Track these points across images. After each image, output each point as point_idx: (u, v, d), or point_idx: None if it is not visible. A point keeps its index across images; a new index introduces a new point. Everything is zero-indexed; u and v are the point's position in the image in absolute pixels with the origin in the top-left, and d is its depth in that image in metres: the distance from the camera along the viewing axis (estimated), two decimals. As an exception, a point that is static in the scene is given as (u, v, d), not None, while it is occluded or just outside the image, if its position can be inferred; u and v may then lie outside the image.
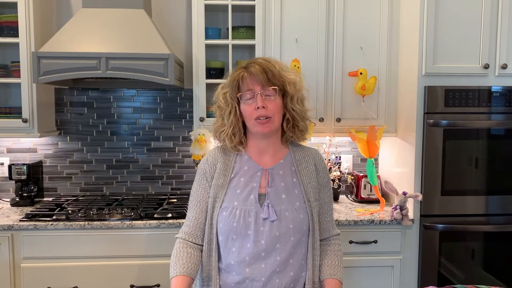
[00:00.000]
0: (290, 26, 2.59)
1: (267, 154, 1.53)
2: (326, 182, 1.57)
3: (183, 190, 2.97)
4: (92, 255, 2.35)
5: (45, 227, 2.31)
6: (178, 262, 1.43)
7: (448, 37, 2.42)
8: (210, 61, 2.70)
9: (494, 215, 2.49)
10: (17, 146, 2.87)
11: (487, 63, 2.43)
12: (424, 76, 2.43)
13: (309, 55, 2.61)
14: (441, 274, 2.49)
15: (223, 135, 1.51)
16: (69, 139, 2.91)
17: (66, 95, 2.88)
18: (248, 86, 1.44)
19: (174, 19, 2.88)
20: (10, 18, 2.53)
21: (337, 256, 1.55)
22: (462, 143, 2.46)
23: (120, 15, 2.48)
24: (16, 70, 2.56)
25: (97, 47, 2.35)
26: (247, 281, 1.44)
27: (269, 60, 1.49)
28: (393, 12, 2.63)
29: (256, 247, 1.43)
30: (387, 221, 2.45)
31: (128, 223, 2.35)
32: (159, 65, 2.31)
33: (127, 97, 2.92)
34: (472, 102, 2.42)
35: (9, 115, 2.58)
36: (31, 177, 2.71)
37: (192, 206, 1.52)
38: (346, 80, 2.63)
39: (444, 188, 2.45)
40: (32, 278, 2.32)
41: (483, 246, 2.51)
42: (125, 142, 2.93)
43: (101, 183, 2.94)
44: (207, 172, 1.52)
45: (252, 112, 1.44)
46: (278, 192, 1.48)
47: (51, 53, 2.29)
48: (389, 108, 2.69)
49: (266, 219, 1.43)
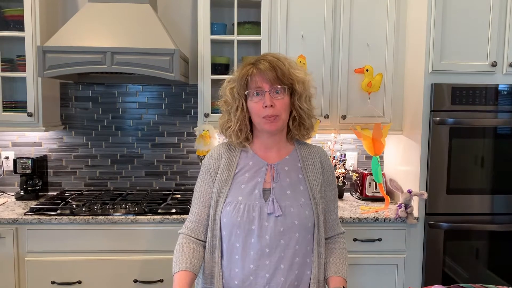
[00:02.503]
0: (296, 22, 2.58)
1: (273, 150, 1.52)
2: (331, 180, 1.56)
3: (187, 185, 2.96)
4: (96, 249, 2.35)
5: (49, 221, 2.32)
6: (181, 258, 1.43)
7: (456, 34, 2.40)
8: (215, 56, 2.69)
9: (499, 214, 2.48)
10: (22, 140, 2.88)
11: (495, 61, 2.41)
12: (431, 73, 2.41)
13: (315, 51, 2.59)
14: (445, 273, 2.48)
15: (229, 131, 1.49)
16: (74, 134, 2.91)
17: (71, 90, 2.89)
18: (256, 84, 1.42)
19: (180, 14, 2.88)
20: (16, 12, 2.54)
21: (342, 254, 1.54)
22: (468, 142, 2.44)
23: (126, 9, 2.48)
24: (22, 64, 2.57)
25: (102, 41, 2.35)
26: (250, 277, 1.43)
27: (278, 57, 1.46)
28: (400, 8, 2.61)
29: (260, 242, 1.41)
30: (392, 219, 2.44)
31: (132, 218, 2.35)
32: (164, 60, 2.31)
33: (132, 92, 2.92)
34: (479, 100, 2.40)
35: (15, 109, 2.59)
36: (35, 171, 2.72)
37: (196, 202, 1.52)
38: (352, 77, 2.62)
39: (449, 187, 2.43)
40: (36, 271, 2.33)
41: (488, 245, 2.50)
42: (130, 137, 2.94)
43: (105, 178, 2.94)
44: (211, 167, 1.51)
45: (260, 110, 1.42)
46: (283, 187, 1.47)
47: (56, 48, 2.29)
48: (395, 105, 2.67)
49: (270, 214, 1.42)
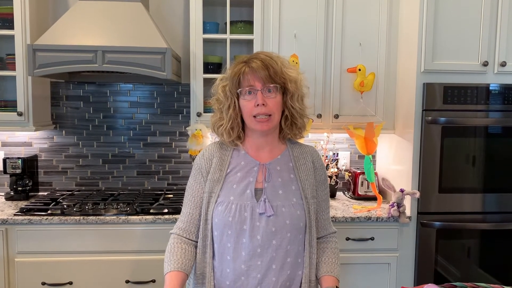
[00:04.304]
0: (289, 22, 2.57)
1: (265, 150, 1.51)
2: (323, 180, 1.56)
3: (179, 185, 2.95)
4: (87, 250, 2.33)
5: (39, 222, 2.29)
6: (173, 258, 1.42)
7: (448, 34, 2.41)
8: (208, 55, 2.68)
9: (491, 213, 2.49)
10: (12, 139, 2.84)
11: (486, 61, 2.42)
12: (423, 73, 2.42)
13: (308, 50, 2.59)
14: (438, 271, 2.49)
15: (221, 129, 1.49)
16: (65, 133, 2.88)
17: (62, 89, 2.86)
18: (248, 82, 1.42)
19: (172, 13, 2.86)
20: (5, 10, 2.51)
21: (334, 253, 1.54)
22: (460, 141, 2.45)
23: (117, 8, 2.46)
24: (11, 62, 2.54)
25: (93, 40, 2.33)
26: (242, 278, 1.42)
27: (271, 56, 1.46)
28: (393, 8, 2.62)
29: (252, 242, 1.41)
30: (384, 218, 2.44)
31: (123, 218, 2.34)
32: (156, 59, 2.29)
33: (123, 91, 2.90)
34: (470, 100, 2.42)
35: (4, 108, 2.57)
36: (26, 171, 2.69)
37: (187, 202, 1.51)
38: (345, 76, 2.62)
39: (441, 186, 2.44)
40: (27, 273, 2.31)
41: (480, 244, 2.51)
42: (122, 137, 2.91)
43: (96, 178, 2.92)
44: (203, 167, 1.51)
45: (251, 108, 1.42)
46: (275, 187, 1.46)
47: (46, 46, 2.27)
48: (388, 105, 2.68)
49: (262, 214, 1.42)
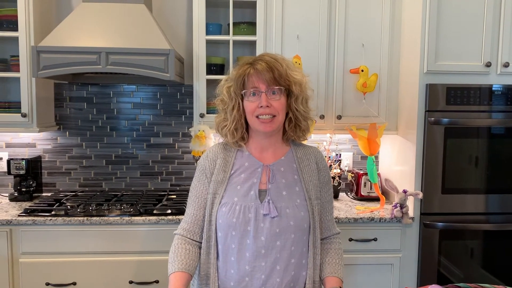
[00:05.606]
0: (292, 23, 2.58)
1: (268, 151, 1.52)
2: (327, 181, 1.56)
3: (182, 186, 2.96)
4: (91, 250, 2.34)
5: (43, 223, 2.30)
6: (177, 259, 1.42)
7: (450, 35, 2.41)
8: (211, 57, 2.69)
9: (494, 213, 2.49)
10: (16, 141, 2.86)
11: (489, 61, 2.42)
12: (426, 73, 2.42)
13: (311, 51, 2.59)
14: (441, 272, 2.48)
15: (225, 130, 1.49)
16: (68, 134, 2.89)
17: (66, 90, 2.87)
18: (253, 84, 1.42)
19: (175, 14, 2.87)
20: (9, 12, 2.52)
21: (337, 254, 1.55)
22: (463, 142, 2.45)
23: (121, 9, 2.47)
24: (16, 64, 2.55)
25: (97, 41, 2.34)
26: (246, 279, 1.42)
27: (276, 58, 1.46)
28: (395, 9, 2.62)
29: (256, 243, 1.41)
30: (387, 219, 2.44)
31: (127, 219, 2.34)
32: (160, 60, 2.30)
33: (127, 93, 2.90)
34: (473, 101, 2.41)
35: (8, 109, 2.57)
36: (30, 172, 2.70)
37: (191, 203, 1.51)
38: (347, 77, 2.62)
39: (444, 187, 2.44)
40: (31, 273, 2.32)
41: (483, 244, 2.51)
42: (125, 138, 2.92)
43: (100, 179, 2.93)
44: (206, 168, 1.51)
45: (254, 109, 1.42)
46: (279, 188, 1.46)
47: (50, 48, 2.28)
48: (390, 105, 2.68)
49: (266, 215, 1.42)
